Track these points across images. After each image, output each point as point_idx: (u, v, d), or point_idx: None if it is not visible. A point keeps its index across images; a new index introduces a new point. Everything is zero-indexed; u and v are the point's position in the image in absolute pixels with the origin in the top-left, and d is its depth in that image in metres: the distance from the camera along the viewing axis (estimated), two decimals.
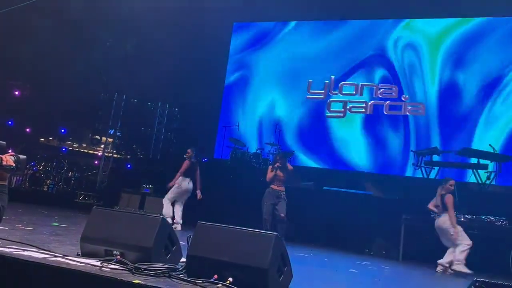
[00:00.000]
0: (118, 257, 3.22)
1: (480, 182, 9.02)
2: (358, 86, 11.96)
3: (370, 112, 11.70)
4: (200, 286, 2.86)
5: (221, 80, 13.46)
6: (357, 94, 11.93)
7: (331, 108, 12.11)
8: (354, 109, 11.86)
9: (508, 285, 2.07)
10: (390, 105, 11.58)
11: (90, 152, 18.58)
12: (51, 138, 17.59)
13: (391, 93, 11.61)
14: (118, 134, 13.88)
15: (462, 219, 7.27)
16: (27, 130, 14.66)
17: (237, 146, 11.13)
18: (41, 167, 12.70)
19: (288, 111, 12.49)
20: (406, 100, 11.40)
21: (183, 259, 3.56)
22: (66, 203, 10.50)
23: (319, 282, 4.06)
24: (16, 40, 11.45)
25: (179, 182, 7.94)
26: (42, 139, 17.45)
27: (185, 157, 8.17)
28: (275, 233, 3.11)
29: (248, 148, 11.23)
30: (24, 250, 3.31)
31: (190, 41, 12.45)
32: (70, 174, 13.11)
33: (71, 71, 12.51)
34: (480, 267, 6.32)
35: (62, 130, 15.01)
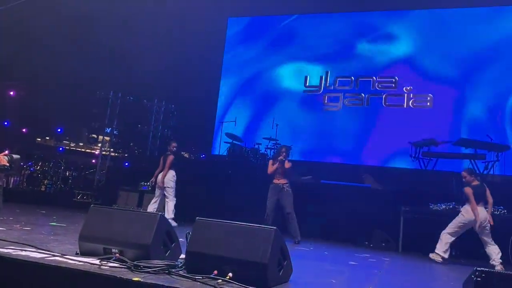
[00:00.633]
0: (117, 255, 3.22)
1: (478, 173, 9.03)
2: (353, 79, 11.96)
3: (367, 104, 11.70)
4: (200, 282, 2.85)
5: (217, 75, 13.44)
6: (353, 87, 11.93)
7: (327, 102, 12.13)
8: (350, 102, 11.86)
9: (508, 273, 2.07)
10: (388, 97, 11.57)
11: (88, 151, 18.57)
12: (48, 138, 17.56)
13: (390, 84, 11.60)
14: (115, 133, 13.85)
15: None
16: (24, 130, 14.61)
17: (234, 142, 11.11)
18: (38, 167, 12.66)
19: (285, 105, 12.47)
20: (409, 91, 11.38)
21: (182, 256, 3.55)
22: (64, 202, 10.48)
23: (319, 275, 4.06)
24: (11, 40, 11.39)
25: (174, 176, 7.85)
26: (39, 139, 17.42)
27: (173, 150, 8.04)
28: (275, 227, 3.10)
29: (245, 144, 11.22)
30: (22, 250, 3.29)
31: (186, 37, 12.41)
32: (67, 174, 13.09)
33: (66, 71, 12.45)
34: (480, 256, 6.34)
35: (59, 130, 14.99)
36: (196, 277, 2.92)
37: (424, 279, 5.11)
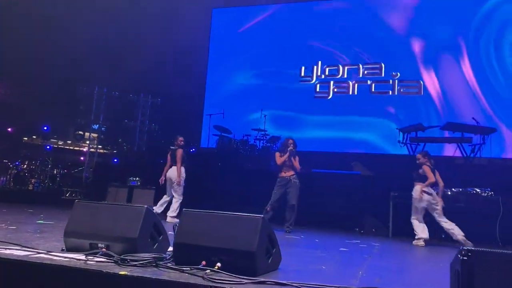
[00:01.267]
0: (104, 249, 3.17)
1: (465, 156, 9.12)
2: (341, 67, 11.94)
3: (354, 92, 11.71)
4: (188, 273, 2.82)
5: (203, 68, 13.34)
6: (341, 76, 11.93)
7: (317, 90, 12.12)
8: (338, 90, 11.87)
9: (494, 251, 2.07)
10: (376, 85, 11.58)
11: (76, 148, 18.40)
12: (35, 137, 17.32)
13: (376, 71, 11.61)
14: (102, 129, 13.71)
15: (449, 193, 7.37)
16: (9, 130, 14.39)
17: (223, 134, 11.06)
18: (25, 166, 12.48)
19: (273, 96, 12.44)
20: (396, 77, 11.38)
21: (171, 248, 3.52)
22: (53, 200, 10.36)
23: (309, 262, 4.06)
24: None
25: (184, 172, 7.51)
26: (25, 138, 17.20)
27: (181, 144, 7.63)
28: (262, 216, 3.08)
29: (234, 135, 11.17)
30: (6, 248, 3.23)
31: (170, 30, 12.26)
32: (55, 172, 12.93)
33: (49, 68, 12.25)
34: (468, 238, 6.41)
35: (45, 128, 14.76)
36: (184, 268, 2.89)
37: (414, 262, 5.15)
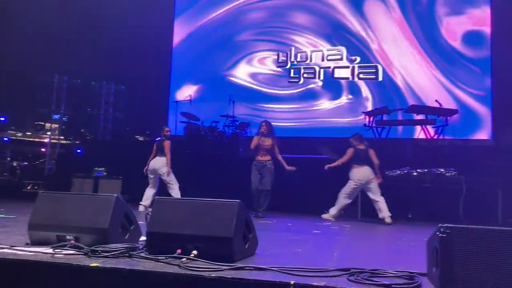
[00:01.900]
0: (72, 241, 3.03)
1: (429, 137, 9.38)
2: (308, 52, 11.93)
3: (321, 77, 11.75)
4: (163, 263, 2.74)
5: (168, 53, 12.99)
6: (308, 61, 11.90)
7: (288, 76, 12.03)
8: (306, 75, 11.88)
9: (472, 227, 2.10)
10: (337, 69, 11.63)
11: (36, 140, 17.67)
12: None
13: (338, 55, 11.65)
14: (64, 119, 13.20)
15: (415, 173, 7.57)
16: None
17: (191, 121, 10.87)
18: None
19: (241, 81, 12.32)
20: (355, 62, 11.47)
21: (143, 238, 3.42)
22: (13, 194, 9.92)
23: (284, 245, 4.06)
24: None
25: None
26: None
27: (168, 135, 7.77)
28: (238, 201, 3.02)
29: (202, 122, 10.99)
30: None
31: (132, 13, 11.81)
32: (15, 164, 12.39)
33: (2, 56, 11.61)
34: (433, 217, 6.62)
35: (2, 119, 14.06)
36: (159, 257, 2.81)
37: (385, 242, 5.26)
